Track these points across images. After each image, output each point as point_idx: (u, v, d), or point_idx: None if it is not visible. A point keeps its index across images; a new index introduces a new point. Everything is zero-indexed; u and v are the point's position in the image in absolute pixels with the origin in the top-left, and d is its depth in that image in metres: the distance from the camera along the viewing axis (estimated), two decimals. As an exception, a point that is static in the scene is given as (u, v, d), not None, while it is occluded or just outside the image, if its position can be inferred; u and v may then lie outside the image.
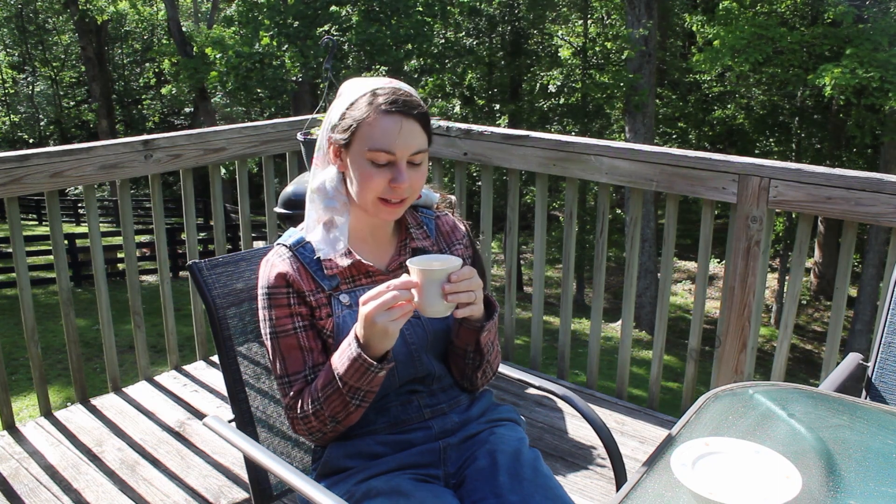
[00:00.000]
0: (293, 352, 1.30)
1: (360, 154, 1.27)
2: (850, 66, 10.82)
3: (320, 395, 1.25)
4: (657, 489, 1.06)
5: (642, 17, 13.29)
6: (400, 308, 1.16)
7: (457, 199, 3.10)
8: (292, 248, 1.33)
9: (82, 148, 2.58)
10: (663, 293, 2.73)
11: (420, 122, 1.27)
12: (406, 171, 1.26)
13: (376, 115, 1.25)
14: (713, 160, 2.44)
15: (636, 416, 2.74)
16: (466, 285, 1.17)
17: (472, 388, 1.43)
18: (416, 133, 1.27)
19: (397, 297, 1.15)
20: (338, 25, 13.88)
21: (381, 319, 1.15)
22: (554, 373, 3.12)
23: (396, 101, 1.26)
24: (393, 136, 1.24)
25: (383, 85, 1.29)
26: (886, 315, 1.63)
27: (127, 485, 2.32)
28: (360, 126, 1.26)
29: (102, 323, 2.81)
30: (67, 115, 25.32)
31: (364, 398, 1.24)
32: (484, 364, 1.37)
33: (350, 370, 1.21)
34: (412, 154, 1.27)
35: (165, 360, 3.14)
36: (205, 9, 23.38)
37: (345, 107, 1.29)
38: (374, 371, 1.20)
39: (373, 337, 1.18)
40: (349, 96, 1.30)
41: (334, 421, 1.27)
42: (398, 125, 1.25)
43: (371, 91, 1.27)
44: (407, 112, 1.26)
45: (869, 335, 12.24)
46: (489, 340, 1.34)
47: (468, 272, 1.18)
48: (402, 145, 1.25)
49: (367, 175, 1.26)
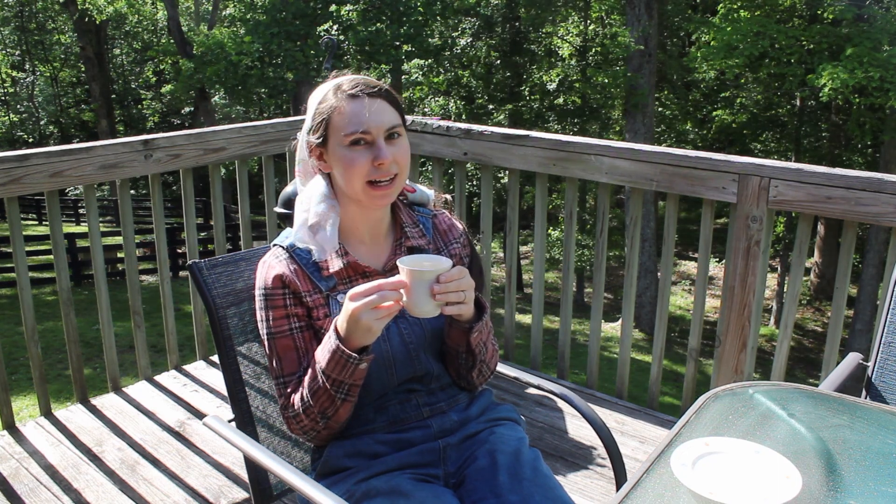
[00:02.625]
0: (289, 353, 1.30)
1: (338, 144, 1.29)
2: (849, 65, 10.82)
3: (308, 392, 1.26)
4: (657, 489, 1.06)
5: (642, 17, 13.29)
6: (386, 308, 1.17)
7: (457, 199, 3.10)
8: (289, 250, 1.33)
9: (82, 148, 2.58)
10: (663, 293, 2.73)
11: (387, 100, 1.31)
12: (386, 147, 1.28)
13: (344, 102, 1.29)
14: (713, 160, 2.44)
15: (636, 416, 2.74)
16: (456, 286, 1.18)
17: (469, 387, 1.43)
18: (385, 110, 1.30)
19: (385, 297, 1.16)
20: (338, 25, 13.88)
21: (365, 317, 1.16)
22: (554, 373, 3.12)
23: (358, 84, 1.30)
24: (363, 115, 1.27)
25: (345, 78, 1.33)
26: (886, 315, 1.63)
27: (127, 485, 2.32)
28: (331, 117, 1.29)
29: (102, 323, 2.81)
30: (67, 115, 25.31)
31: (349, 392, 1.24)
32: (478, 364, 1.37)
33: (331, 363, 1.21)
34: (387, 130, 1.29)
35: (165, 360, 3.14)
36: (203, 9, 23.37)
37: (314, 108, 1.33)
38: (353, 363, 1.20)
39: (355, 332, 1.18)
40: (316, 98, 1.34)
41: (324, 417, 1.27)
42: (366, 106, 1.28)
43: (334, 85, 1.32)
44: (372, 93, 1.29)
45: (869, 335, 12.24)
46: (480, 341, 1.34)
47: (458, 273, 1.19)
48: (375, 122, 1.28)
49: (350, 160, 1.28)
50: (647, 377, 2.89)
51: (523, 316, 11.84)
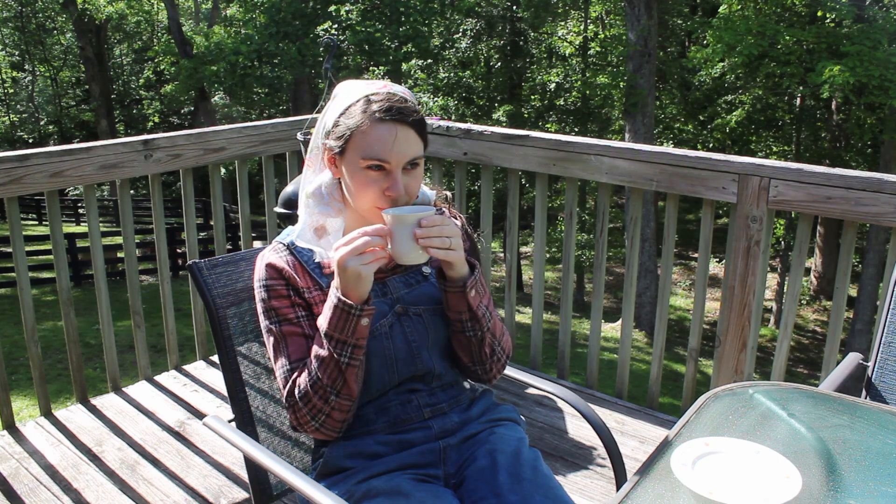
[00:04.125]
0: (296, 338, 1.29)
1: (354, 163, 1.25)
2: (849, 63, 10.82)
3: (315, 365, 1.24)
4: (657, 489, 1.06)
5: (642, 17, 13.28)
6: (372, 252, 1.17)
7: (457, 198, 3.10)
8: (290, 247, 1.33)
9: (82, 148, 2.58)
10: (663, 293, 2.73)
11: (415, 129, 1.26)
12: (401, 180, 1.25)
13: (370, 124, 1.23)
14: (713, 160, 2.44)
15: (636, 416, 2.74)
16: (438, 231, 1.18)
17: (485, 373, 1.39)
18: (411, 140, 1.25)
19: (368, 242, 1.16)
20: (337, 24, 13.88)
21: (352, 263, 1.16)
22: (554, 373, 3.12)
23: (391, 108, 1.23)
24: (388, 144, 1.23)
25: (378, 90, 1.27)
26: (886, 315, 1.63)
27: (127, 485, 2.32)
28: (353, 134, 1.24)
29: (102, 323, 2.81)
30: (67, 115, 25.31)
31: (352, 355, 1.22)
32: (487, 335, 1.33)
33: (333, 319, 1.20)
34: (408, 161, 1.25)
35: (165, 360, 3.14)
36: (205, 9, 23.36)
37: (339, 113, 1.27)
38: (355, 314, 1.19)
39: (347, 282, 1.18)
40: (343, 101, 1.28)
41: (334, 390, 1.23)
42: (393, 133, 1.23)
43: (365, 97, 1.26)
44: (401, 119, 1.23)
45: (869, 335, 12.24)
46: (481, 304, 1.31)
47: (440, 219, 1.18)
48: (397, 154, 1.23)
49: (362, 184, 1.26)
50: (646, 377, 2.90)
51: (523, 316, 11.84)
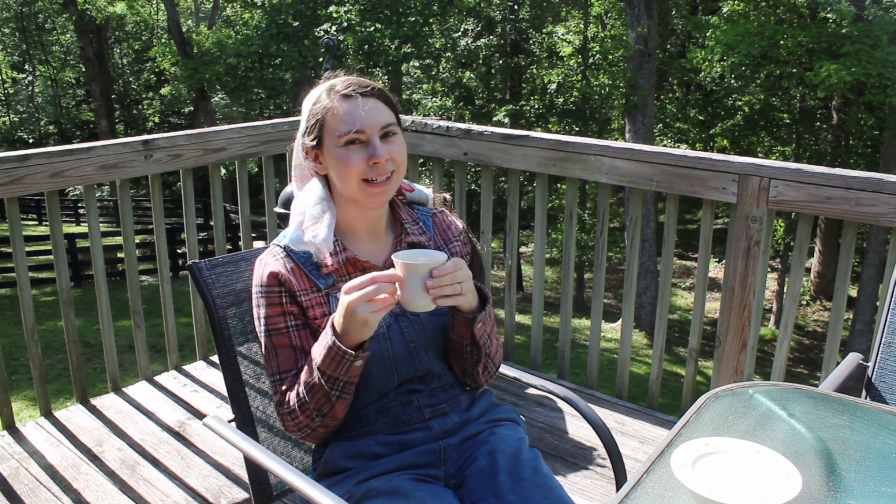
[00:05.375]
0: (285, 350, 1.31)
1: (333, 145, 1.30)
2: (847, 62, 10.82)
3: (304, 388, 1.25)
4: (657, 489, 1.06)
5: (642, 17, 13.28)
6: (382, 300, 1.17)
7: (457, 198, 3.10)
8: (286, 248, 1.34)
9: (82, 148, 2.58)
10: (663, 293, 2.73)
11: (380, 99, 1.32)
12: (382, 146, 1.29)
13: (337, 103, 1.30)
14: (713, 160, 2.44)
15: (636, 416, 2.74)
16: (450, 279, 1.18)
17: (474, 384, 1.42)
18: (379, 109, 1.31)
19: (380, 289, 1.16)
20: (336, 25, 13.88)
21: (361, 310, 1.16)
22: (554, 373, 3.12)
23: (351, 84, 1.31)
24: (357, 115, 1.28)
25: (338, 80, 1.34)
26: (886, 315, 1.63)
27: (127, 485, 2.32)
28: (325, 118, 1.30)
29: (102, 323, 2.81)
30: (67, 115, 25.31)
31: (344, 389, 1.24)
32: (483, 358, 1.36)
33: (326, 359, 1.21)
34: (382, 128, 1.30)
35: (165, 360, 3.14)
36: (205, 9, 23.37)
37: (308, 110, 1.34)
38: (349, 360, 1.20)
39: (351, 326, 1.18)
40: (310, 100, 1.35)
41: (320, 414, 1.26)
42: (359, 105, 1.29)
43: (327, 87, 1.33)
44: (365, 92, 1.31)
45: (869, 335, 12.24)
46: (484, 332, 1.33)
47: (452, 266, 1.19)
48: (369, 121, 1.29)
49: (345, 159, 1.29)
50: (646, 377, 2.89)
51: (523, 316, 11.84)
